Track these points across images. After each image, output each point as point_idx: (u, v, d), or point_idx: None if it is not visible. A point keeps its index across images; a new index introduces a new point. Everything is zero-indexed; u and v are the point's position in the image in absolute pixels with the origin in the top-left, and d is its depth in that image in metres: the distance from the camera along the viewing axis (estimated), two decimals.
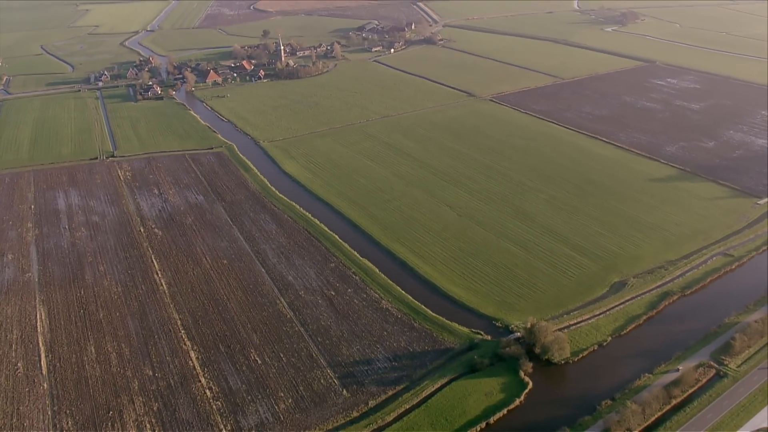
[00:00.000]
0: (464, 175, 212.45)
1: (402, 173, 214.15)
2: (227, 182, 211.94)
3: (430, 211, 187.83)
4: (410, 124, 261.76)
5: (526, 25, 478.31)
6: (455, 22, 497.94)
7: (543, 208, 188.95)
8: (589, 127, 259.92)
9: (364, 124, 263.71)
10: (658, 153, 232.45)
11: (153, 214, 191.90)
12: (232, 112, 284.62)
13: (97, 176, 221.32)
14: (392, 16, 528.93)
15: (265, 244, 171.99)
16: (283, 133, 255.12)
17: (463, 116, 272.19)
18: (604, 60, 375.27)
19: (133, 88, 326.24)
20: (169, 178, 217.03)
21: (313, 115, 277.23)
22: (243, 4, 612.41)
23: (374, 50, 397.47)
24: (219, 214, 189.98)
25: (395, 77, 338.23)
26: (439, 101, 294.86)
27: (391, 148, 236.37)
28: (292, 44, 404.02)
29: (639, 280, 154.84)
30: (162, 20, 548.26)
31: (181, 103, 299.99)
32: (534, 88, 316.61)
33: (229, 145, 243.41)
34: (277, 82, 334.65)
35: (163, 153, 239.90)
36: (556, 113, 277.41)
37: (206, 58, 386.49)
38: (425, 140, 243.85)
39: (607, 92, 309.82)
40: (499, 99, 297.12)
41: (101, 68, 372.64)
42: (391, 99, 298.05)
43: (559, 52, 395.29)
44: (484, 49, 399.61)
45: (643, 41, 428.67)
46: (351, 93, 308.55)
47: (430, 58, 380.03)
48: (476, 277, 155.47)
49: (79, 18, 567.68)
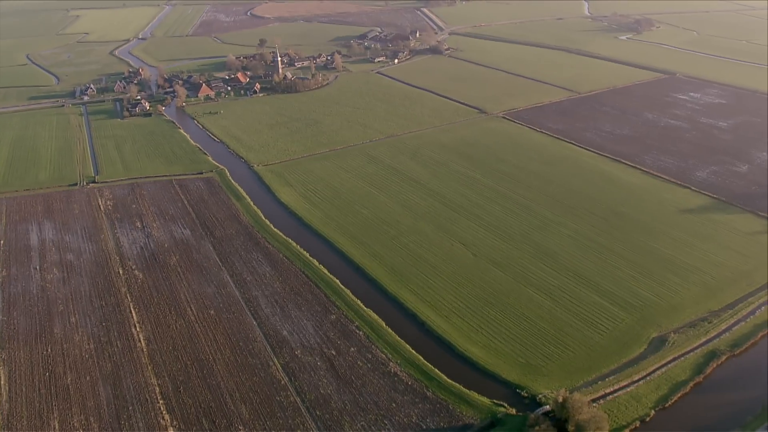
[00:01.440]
0: (478, 205, 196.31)
1: (409, 203, 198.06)
2: (217, 213, 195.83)
3: (441, 249, 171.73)
4: (417, 146, 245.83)
5: (536, 33, 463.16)
6: (461, 30, 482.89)
7: (567, 246, 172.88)
8: (611, 148, 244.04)
9: (367, 145, 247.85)
10: (688, 179, 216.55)
11: (134, 252, 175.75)
12: (225, 130, 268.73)
13: (76, 206, 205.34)
14: (395, 22, 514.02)
15: (257, 290, 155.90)
16: (279, 156, 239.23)
17: (475, 136, 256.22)
18: (620, 71, 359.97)
19: (120, 103, 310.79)
20: (154, 209, 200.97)
21: (311, 134, 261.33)
22: (239, 10, 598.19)
23: (377, 60, 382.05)
24: (207, 252, 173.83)
25: (400, 91, 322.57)
26: (447, 118, 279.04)
27: (397, 174, 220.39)
28: (290, 54, 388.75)
29: (680, 335, 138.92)
30: (155, 27, 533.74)
31: (171, 121, 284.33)
32: (548, 104, 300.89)
33: (220, 169, 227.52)
34: (273, 96, 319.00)
35: (148, 178, 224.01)
36: (575, 133, 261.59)
37: (199, 70, 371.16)
38: (434, 164, 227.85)
39: (627, 108, 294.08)
40: (512, 116, 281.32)
41: (88, 80, 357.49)
42: (395, 116, 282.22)
43: (573, 62, 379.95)
44: (493, 60, 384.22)
45: (659, 50, 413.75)
46: (353, 109, 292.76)
47: (437, 70, 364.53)
48: (496, 333, 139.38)
49: (68, 25, 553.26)
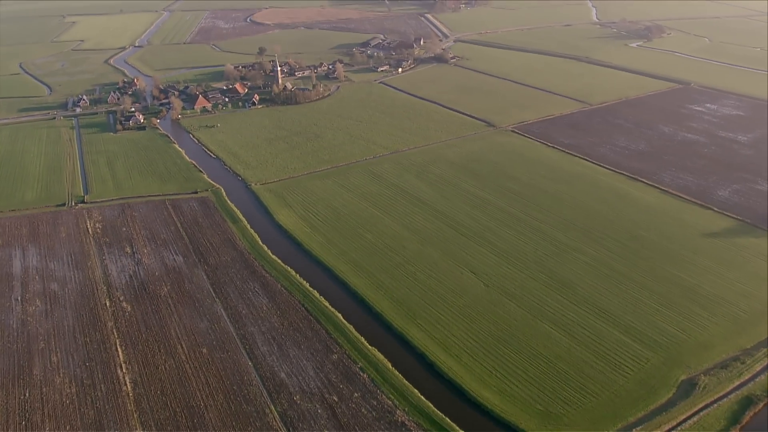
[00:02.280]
0: (489, 229, 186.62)
1: (415, 227, 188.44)
2: (212, 238, 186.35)
3: (450, 279, 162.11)
4: (423, 162, 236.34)
5: (544, 40, 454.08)
6: (467, 37, 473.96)
7: (585, 275, 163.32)
8: (626, 165, 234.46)
9: (370, 162, 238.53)
10: (709, 199, 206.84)
11: (122, 281, 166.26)
12: (222, 145, 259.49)
13: (63, 229, 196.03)
14: (399, 29, 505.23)
15: (253, 325, 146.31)
16: (279, 173, 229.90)
17: (483, 152, 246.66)
18: (632, 81, 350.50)
19: (113, 116, 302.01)
20: (145, 232, 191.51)
21: (312, 149, 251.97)
22: (239, 16, 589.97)
23: (380, 70, 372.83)
24: (200, 282, 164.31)
25: (404, 102, 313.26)
26: (454, 132, 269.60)
27: (402, 193, 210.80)
28: (290, 63, 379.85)
29: (711, 378, 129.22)
30: (152, 34, 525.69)
31: (165, 135, 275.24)
32: (559, 116, 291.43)
33: (216, 188, 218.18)
34: (272, 108, 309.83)
35: (140, 198, 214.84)
36: (588, 147, 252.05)
37: (196, 80, 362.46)
38: (441, 183, 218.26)
39: (641, 121, 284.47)
40: (522, 130, 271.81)
41: (81, 91, 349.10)
42: (400, 129, 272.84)
43: (583, 71, 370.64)
44: (500, 69, 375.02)
45: (672, 59, 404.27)
46: (355, 122, 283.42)
47: (442, 79, 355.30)
48: (511, 375, 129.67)
49: (64, 31, 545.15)
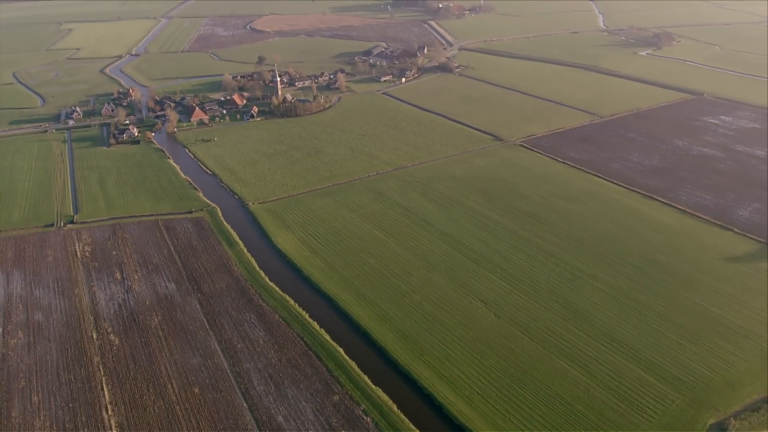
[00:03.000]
0: (498, 253, 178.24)
1: (421, 250, 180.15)
2: (206, 263, 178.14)
3: (459, 309, 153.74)
4: (428, 179, 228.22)
5: (551, 48, 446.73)
6: (472, 45, 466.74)
7: (601, 304, 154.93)
8: (641, 182, 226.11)
9: (373, 179, 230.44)
10: (729, 219, 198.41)
11: (111, 310, 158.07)
12: (218, 161, 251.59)
13: (50, 252, 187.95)
14: (402, 37, 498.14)
15: (249, 361, 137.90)
16: (277, 191, 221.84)
17: (491, 168, 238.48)
18: (643, 91, 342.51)
19: (107, 129, 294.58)
20: (136, 256, 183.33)
21: (312, 165, 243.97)
22: (238, 23, 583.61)
23: (383, 80, 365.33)
24: (193, 312, 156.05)
25: (408, 115, 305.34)
26: (460, 146, 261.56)
27: (407, 213, 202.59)
28: (291, 73, 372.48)
29: (742, 422, 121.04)
30: (150, 41, 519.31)
31: (160, 149, 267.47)
32: (569, 129, 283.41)
33: (212, 208, 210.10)
34: (271, 121, 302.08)
35: (132, 218, 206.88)
36: (600, 163, 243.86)
37: (193, 90, 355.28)
38: (447, 202, 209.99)
39: (654, 134, 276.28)
40: (531, 144, 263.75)
41: (75, 102, 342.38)
42: (404, 143, 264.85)
43: (592, 81, 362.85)
44: (507, 79, 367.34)
45: (682, 68, 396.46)
46: (357, 136, 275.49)
47: (447, 90, 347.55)
48: (527, 419, 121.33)
49: (60, 39, 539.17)
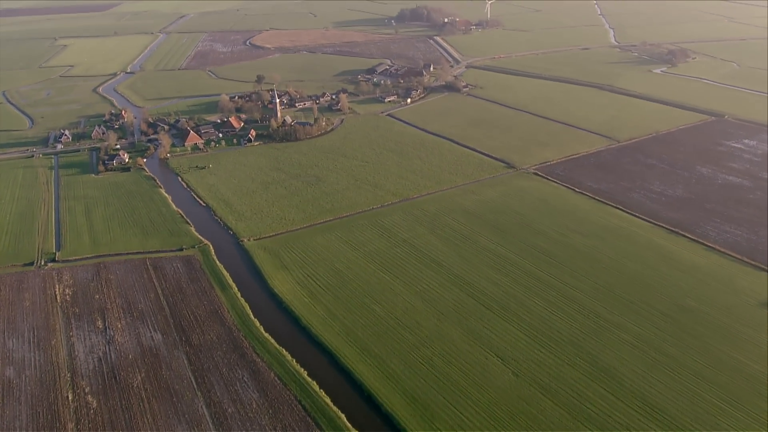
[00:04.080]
0: (515, 298, 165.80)
1: (431, 296, 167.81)
2: (196, 309, 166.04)
3: (473, 365, 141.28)
4: (436, 212, 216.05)
5: (562, 66, 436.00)
6: (479, 62, 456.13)
7: (630, 360, 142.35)
8: (664, 215, 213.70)
9: (377, 212, 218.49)
10: (762, 258, 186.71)
11: (90, 366, 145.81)
12: (213, 191, 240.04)
13: (28, 295, 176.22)
14: (407, 54, 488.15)
15: (240, 429, 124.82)
16: (275, 226, 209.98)
17: (504, 199, 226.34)
18: (661, 113, 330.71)
19: (96, 154, 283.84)
20: (121, 300, 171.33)
21: (313, 196, 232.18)
22: (238, 39, 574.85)
23: (387, 100, 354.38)
24: (180, 369, 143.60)
25: (414, 139, 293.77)
26: (470, 174, 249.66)
27: (414, 252, 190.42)
28: (290, 93, 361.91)
29: None
30: (146, 58, 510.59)
31: (151, 177, 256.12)
32: (585, 155, 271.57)
33: (204, 245, 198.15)
34: (270, 145, 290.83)
35: (118, 256, 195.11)
36: (620, 194, 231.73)
37: (189, 111, 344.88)
38: (458, 239, 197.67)
39: (675, 161, 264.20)
40: (545, 171, 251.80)
41: (65, 123, 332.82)
42: (410, 172, 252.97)
43: (606, 101, 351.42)
44: (516, 99, 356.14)
45: (700, 86, 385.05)
46: (360, 163, 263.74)
47: (455, 111, 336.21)
48: None
49: (54, 56, 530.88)
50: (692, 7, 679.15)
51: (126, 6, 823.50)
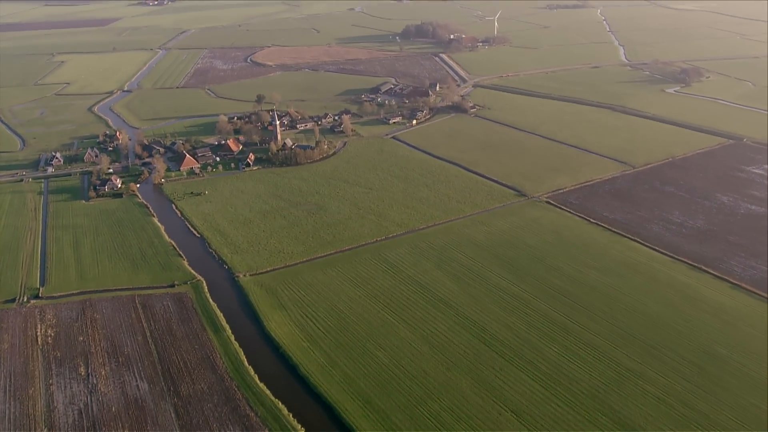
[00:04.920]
0: (529, 344, 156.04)
1: (438, 340, 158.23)
2: (186, 354, 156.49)
3: (486, 422, 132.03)
4: (444, 246, 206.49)
5: (572, 85, 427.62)
6: (487, 81, 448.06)
7: (656, 417, 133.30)
8: (687, 249, 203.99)
9: (382, 245, 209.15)
10: None
11: (69, 419, 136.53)
12: (208, 220, 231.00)
13: (7, 336, 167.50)
14: (412, 72, 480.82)
15: None
16: (272, 260, 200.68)
17: (516, 231, 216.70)
18: (676, 135, 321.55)
19: (88, 178, 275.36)
20: (106, 343, 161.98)
21: (313, 227, 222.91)
22: (239, 56, 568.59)
23: (392, 122, 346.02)
24: (167, 423, 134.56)
25: (420, 164, 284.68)
26: (479, 204, 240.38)
27: (421, 291, 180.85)
28: (291, 114, 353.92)
29: None
30: (144, 75, 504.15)
31: (144, 205, 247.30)
32: (599, 182, 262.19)
33: (197, 281, 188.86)
34: (269, 170, 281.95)
35: (106, 293, 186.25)
36: (637, 225, 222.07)
37: (186, 133, 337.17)
38: (467, 276, 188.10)
39: (694, 188, 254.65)
40: (559, 200, 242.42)
41: (57, 145, 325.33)
42: (416, 200, 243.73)
43: (619, 123, 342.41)
44: (526, 120, 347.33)
45: (715, 107, 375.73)
46: (364, 190, 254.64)
47: (463, 134, 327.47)
48: None
49: (50, 72, 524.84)
50: (703, 23, 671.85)
51: (126, 21, 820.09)
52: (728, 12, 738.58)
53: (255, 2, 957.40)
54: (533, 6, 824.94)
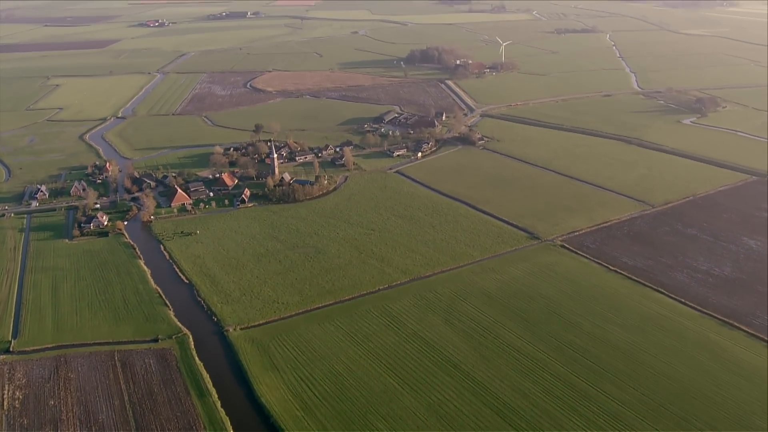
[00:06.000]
0: (547, 415, 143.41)
1: (446, 410, 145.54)
2: (167, 423, 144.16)
3: None
4: (452, 296, 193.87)
5: (584, 115, 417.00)
6: (495, 110, 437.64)
7: None
8: (715, 302, 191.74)
9: (384, 294, 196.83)
10: None
11: None
12: (198, 263, 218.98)
13: None
14: (417, 100, 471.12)
15: None
16: (266, 311, 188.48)
17: (529, 280, 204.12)
18: (696, 171, 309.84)
19: (73, 214, 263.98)
20: (79, 409, 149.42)
21: (311, 273, 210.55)
22: (238, 81, 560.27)
23: (396, 155, 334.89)
24: None
25: (426, 201, 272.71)
26: (490, 247, 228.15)
27: (427, 350, 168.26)
28: (291, 145, 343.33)
29: None
30: (140, 100, 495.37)
31: (131, 245, 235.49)
32: (617, 223, 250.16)
33: (183, 335, 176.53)
34: (265, 207, 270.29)
35: (83, 347, 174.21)
36: (661, 272, 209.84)
37: (179, 164, 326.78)
38: (477, 332, 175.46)
39: (719, 231, 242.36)
40: (574, 244, 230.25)
41: (45, 176, 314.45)
42: (421, 243, 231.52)
43: (636, 157, 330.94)
44: (537, 154, 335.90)
45: (734, 140, 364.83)
46: (365, 231, 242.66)
47: (470, 169, 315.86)
48: None
49: (44, 96, 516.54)
50: (714, 49, 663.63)
51: (126, 43, 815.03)
52: (739, 37, 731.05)
53: (257, 25, 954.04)
54: (541, 30, 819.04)
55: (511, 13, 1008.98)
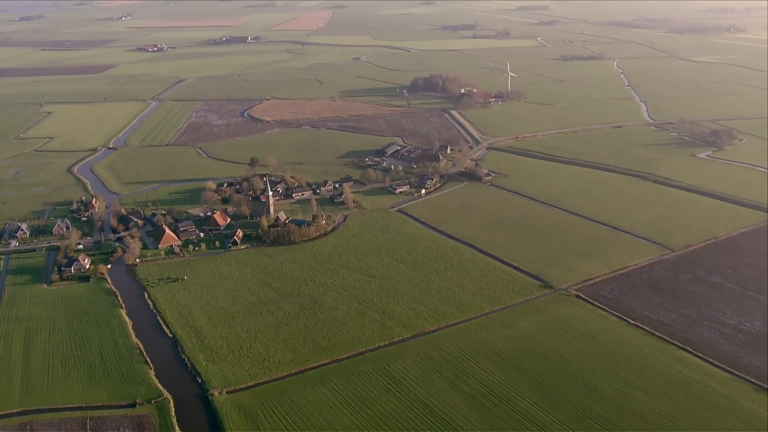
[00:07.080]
0: None
1: None
2: None
3: None
4: (459, 355, 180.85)
5: (594, 148, 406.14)
6: (501, 143, 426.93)
7: None
8: (746, 363, 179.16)
9: (385, 352, 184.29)
10: None
11: None
12: (183, 314, 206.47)
13: None
14: (420, 131, 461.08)
15: None
16: (255, 371, 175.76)
17: (543, 336, 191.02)
18: (716, 210, 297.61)
19: (54, 255, 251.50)
20: None
21: (306, 327, 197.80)
22: (235, 109, 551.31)
23: (399, 191, 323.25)
24: None
25: (430, 244, 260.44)
26: (499, 297, 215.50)
27: (432, 419, 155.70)
28: (287, 180, 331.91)
29: None
30: (133, 130, 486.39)
31: (113, 292, 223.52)
32: (635, 269, 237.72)
33: (163, 400, 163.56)
34: (259, 250, 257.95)
35: (52, 413, 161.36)
36: (685, 328, 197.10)
37: (169, 201, 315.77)
38: (487, 399, 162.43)
39: (745, 278, 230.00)
40: (590, 294, 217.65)
41: (28, 212, 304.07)
42: (425, 292, 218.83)
43: (651, 196, 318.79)
44: (547, 192, 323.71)
45: (754, 176, 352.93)
46: (365, 277, 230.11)
47: (477, 207, 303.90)
48: None
49: (34, 125, 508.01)
50: (725, 77, 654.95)
51: (122, 68, 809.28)
52: (748, 64, 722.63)
53: (257, 50, 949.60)
54: (547, 57, 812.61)
55: (515, 39, 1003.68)
